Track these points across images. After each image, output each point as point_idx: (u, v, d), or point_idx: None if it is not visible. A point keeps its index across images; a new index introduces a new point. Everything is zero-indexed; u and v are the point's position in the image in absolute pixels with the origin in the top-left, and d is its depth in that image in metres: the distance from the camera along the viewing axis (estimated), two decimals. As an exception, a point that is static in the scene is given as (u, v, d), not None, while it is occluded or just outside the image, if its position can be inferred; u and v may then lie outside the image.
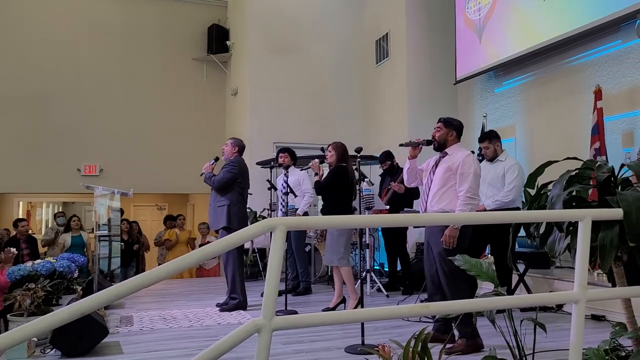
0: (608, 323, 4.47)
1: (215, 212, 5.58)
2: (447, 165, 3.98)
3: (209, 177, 5.60)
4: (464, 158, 3.93)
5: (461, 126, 4.16)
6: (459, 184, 3.90)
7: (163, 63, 10.74)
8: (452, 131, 4.07)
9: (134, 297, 6.38)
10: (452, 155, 4.02)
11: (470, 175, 3.88)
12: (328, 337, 4.28)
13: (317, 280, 7.57)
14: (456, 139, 4.09)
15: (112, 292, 1.69)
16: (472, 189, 3.87)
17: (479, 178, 3.98)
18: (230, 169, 5.57)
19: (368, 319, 4.14)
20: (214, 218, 5.59)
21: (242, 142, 5.85)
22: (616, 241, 2.49)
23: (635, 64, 5.68)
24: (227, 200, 5.53)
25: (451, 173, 3.95)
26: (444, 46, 8.55)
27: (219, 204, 5.54)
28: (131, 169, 10.17)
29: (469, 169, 3.89)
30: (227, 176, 5.54)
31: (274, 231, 1.91)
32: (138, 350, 4.00)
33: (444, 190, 3.97)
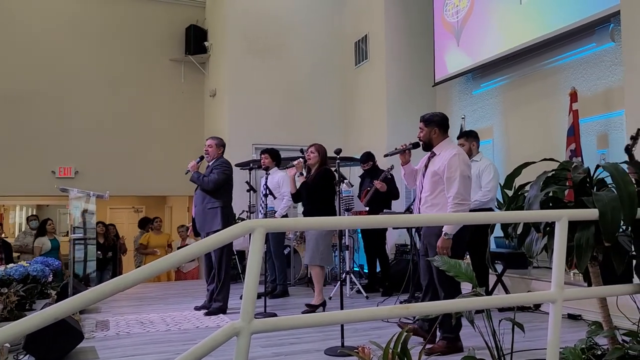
0: (584, 322, 4.53)
1: (205, 214, 5.46)
2: (433, 170, 3.87)
3: (198, 177, 5.47)
4: (449, 160, 3.79)
5: (443, 119, 4.00)
6: (447, 190, 3.79)
7: (140, 64, 10.61)
8: (434, 128, 3.94)
9: (110, 301, 6.28)
10: (439, 156, 3.90)
11: (456, 180, 3.73)
12: (308, 339, 4.26)
13: (296, 282, 7.54)
14: (441, 135, 3.96)
15: (86, 297, 1.65)
16: (460, 194, 3.73)
17: (467, 180, 3.82)
18: (224, 169, 5.50)
19: (347, 321, 4.13)
20: (204, 220, 5.46)
21: (224, 142, 5.79)
22: (592, 241, 2.52)
23: (609, 66, 5.78)
24: (219, 202, 5.46)
25: (438, 177, 3.84)
26: (423, 48, 8.60)
27: (210, 206, 5.45)
28: (107, 171, 10.01)
29: (454, 172, 3.75)
30: (222, 177, 5.45)
31: (253, 233, 1.89)
32: (114, 355, 3.93)
33: (433, 196, 3.88)
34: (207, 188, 5.45)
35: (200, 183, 5.47)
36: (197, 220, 5.55)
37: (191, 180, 5.55)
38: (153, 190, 11.01)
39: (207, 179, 5.44)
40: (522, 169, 2.94)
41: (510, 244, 4.25)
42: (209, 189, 5.45)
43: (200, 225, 5.51)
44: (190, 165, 5.53)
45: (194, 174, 5.50)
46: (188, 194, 10.14)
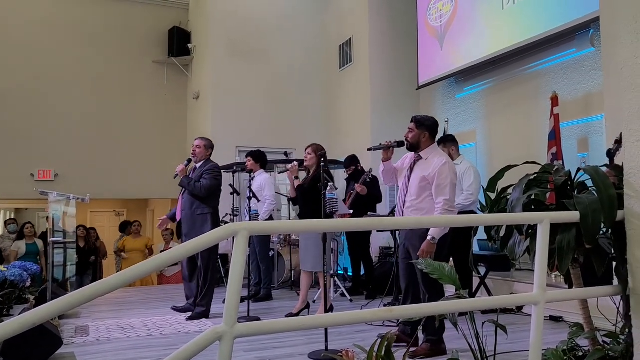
0: (565, 324, 4.56)
1: (194, 220, 5.36)
2: (422, 175, 3.87)
3: (189, 182, 5.35)
4: (440, 168, 3.81)
5: (435, 125, 4.02)
6: (436, 196, 3.81)
7: (122, 65, 10.50)
8: (424, 132, 3.94)
9: (90, 306, 6.19)
10: (427, 161, 3.91)
11: (447, 187, 3.78)
12: (291, 343, 4.24)
13: (280, 285, 7.51)
14: (430, 140, 3.97)
15: (65, 301, 1.62)
16: (449, 201, 3.78)
17: (454, 188, 3.89)
18: (216, 175, 5.42)
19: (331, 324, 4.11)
20: (192, 226, 5.36)
21: (212, 143, 5.70)
22: (573, 243, 2.54)
23: (589, 71, 5.86)
24: (209, 208, 5.39)
25: (427, 183, 3.85)
26: (407, 52, 8.65)
27: (200, 212, 5.36)
28: (88, 173, 9.87)
29: (445, 180, 3.78)
30: (214, 183, 5.37)
31: (237, 236, 1.87)
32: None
33: (419, 201, 3.89)
34: (198, 194, 5.34)
35: (191, 189, 5.36)
36: (184, 225, 5.46)
37: (180, 185, 5.44)
38: (135, 194, 10.90)
39: (200, 185, 5.32)
40: (504, 172, 2.96)
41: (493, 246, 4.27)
42: (201, 195, 5.35)
43: (188, 230, 5.39)
44: (179, 169, 5.41)
45: (183, 179, 5.40)
46: (170, 197, 10.05)
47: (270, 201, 6.35)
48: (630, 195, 2.49)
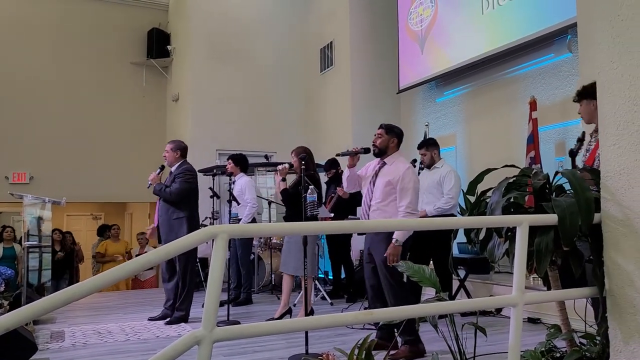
0: (543, 325, 4.61)
1: (171, 225, 5.29)
2: (387, 179, 3.99)
3: (160, 189, 5.29)
4: (404, 172, 3.95)
5: (402, 134, 4.18)
6: (399, 199, 3.93)
7: (100, 66, 10.35)
8: (393, 138, 4.08)
9: (65, 311, 6.08)
10: (391, 167, 4.03)
11: (410, 191, 3.91)
12: (271, 347, 4.21)
13: (260, 289, 7.47)
14: (396, 147, 4.11)
15: (40, 306, 1.58)
16: (412, 204, 3.90)
17: (418, 192, 4.03)
18: (187, 178, 5.32)
19: (312, 328, 4.10)
20: (169, 231, 5.29)
21: (183, 144, 5.61)
22: (551, 246, 2.56)
23: (566, 76, 5.94)
24: (184, 212, 5.30)
25: (392, 187, 3.97)
26: (388, 56, 8.68)
27: (176, 217, 5.29)
28: (64, 176, 9.71)
29: (408, 183, 3.92)
30: (185, 187, 5.28)
31: (216, 239, 1.85)
32: (70, 366, 3.81)
33: (384, 204, 3.99)
34: (170, 200, 5.29)
35: (162, 196, 5.31)
36: (162, 230, 5.40)
37: (154, 193, 5.39)
38: (112, 197, 10.75)
39: (169, 191, 5.26)
40: (484, 175, 2.98)
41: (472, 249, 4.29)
42: (172, 200, 5.29)
43: (166, 236, 5.33)
44: (151, 178, 5.36)
45: (155, 186, 5.34)
46: (149, 201, 9.95)
47: (252, 204, 6.31)
48: (606, 198, 2.52)
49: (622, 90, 2.40)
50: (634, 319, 2.39)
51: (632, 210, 2.39)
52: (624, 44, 2.37)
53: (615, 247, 2.48)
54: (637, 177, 2.37)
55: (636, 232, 2.37)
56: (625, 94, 2.39)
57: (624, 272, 2.43)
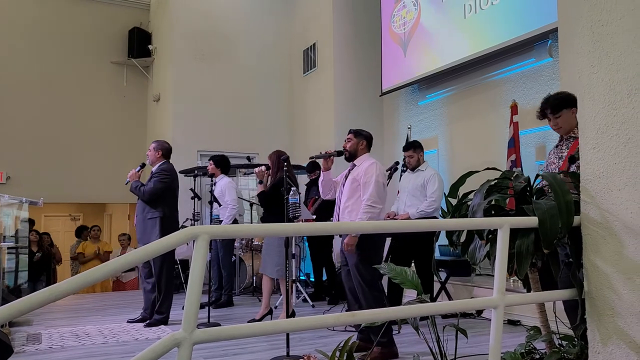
0: (523, 327, 4.65)
1: (145, 224, 5.24)
2: (353, 177, 4.06)
3: (136, 187, 5.23)
4: (367, 167, 4.00)
5: (371, 137, 4.25)
6: (362, 193, 3.97)
7: (79, 65, 10.21)
8: (362, 140, 4.15)
9: (42, 312, 6.00)
10: (359, 166, 4.10)
11: (371, 184, 3.92)
12: (252, 349, 4.19)
13: (241, 291, 7.43)
14: (366, 149, 4.17)
15: (15, 307, 1.54)
16: (372, 197, 3.91)
17: (381, 186, 4.01)
18: (162, 177, 5.25)
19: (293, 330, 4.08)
20: (143, 231, 5.24)
21: (166, 144, 5.55)
22: (532, 248, 2.58)
23: (547, 81, 6.01)
24: (158, 212, 5.22)
25: (357, 184, 4.01)
26: (371, 58, 8.71)
27: (150, 216, 5.23)
28: (42, 176, 9.55)
29: (370, 177, 3.95)
30: (158, 186, 5.21)
31: (197, 240, 1.83)
32: (47, 369, 3.74)
33: (352, 202, 4.03)
34: (143, 199, 5.25)
35: (138, 195, 5.26)
36: (137, 230, 5.35)
37: (130, 190, 5.33)
38: (91, 198, 10.61)
39: (143, 190, 5.21)
40: (466, 177, 3.00)
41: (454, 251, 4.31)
42: (144, 200, 5.25)
43: (140, 235, 5.30)
44: (129, 175, 5.31)
45: (132, 184, 5.28)
46: (129, 202, 9.84)
47: (232, 206, 6.27)
48: (586, 201, 2.55)
49: (602, 95, 2.42)
50: (612, 320, 2.42)
51: (611, 213, 2.42)
52: (604, 49, 2.40)
53: (594, 250, 2.50)
54: (616, 181, 2.40)
55: (615, 235, 2.40)
56: (605, 98, 2.41)
57: (602, 275, 2.46)
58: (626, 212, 2.36)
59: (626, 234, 2.36)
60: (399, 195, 5.62)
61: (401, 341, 3.99)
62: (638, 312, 2.31)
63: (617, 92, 2.36)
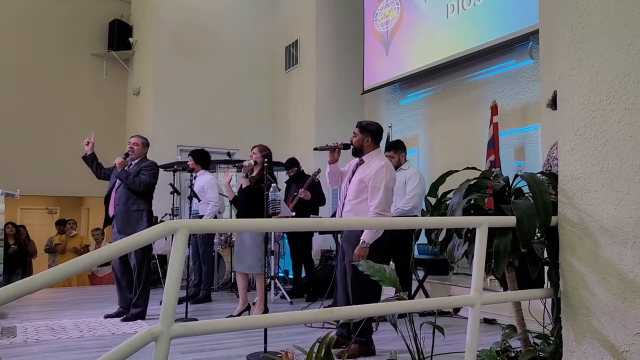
0: (499, 326, 4.71)
1: (129, 215, 5.23)
2: (360, 177, 3.93)
3: (127, 176, 5.21)
4: (376, 170, 3.86)
5: (379, 130, 4.09)
6: (370, 199, 3.85)
7: (59, 56, 10.06)
8: (367, 137, 4.00)
9: (17, 306, 5.90)
10: (367, 164, 3.97)
11: (381, 190, 3.80)
12: (230, 345, 4.17)
13: (219, 287, 7.39)
14: (373, 145, 4.03)
15: (-11, 299, 1.51)
16: (381, 205, 3.81)
17: (390, 192, 3.91)
18: (155, 173, 5.35)
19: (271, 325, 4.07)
20: (127, 222, 5.22)
21: (149, 142, 5.66)
22: (509, 247, 2.62)
23: (527, 82, 6.08)
24: (145, 205, 5.30)
25: (364, 185, 3.89)
26: (353, 56, 8.72)
27: (135, 208, 5.25)
28: (19, 168, 9.38)
29: (380, 183, 3.82)
30: (152, 181, 5.30)
31: (176, 234, 1.81)
32: (20, 363, 3.68)
33: (356, 203, 3.93)
34: (136, 189, 5.23)
35: (129, 182, 5.22)
36: (118, 221, 5.28)
37: (118, 177, 5.27)
38: (69, 191, 10.45)
39: (139, 180, 5.22)
40: (445, 177, 3.02)
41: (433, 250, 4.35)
42: (139, 191, 5.24)
43: (122, 226, 5.24)
44: (117, 162, 5.27)
45: (121, 172, 5.25)
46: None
47: (214, 203, 6.25)
48: (563, 202, 2.59)
49: (581, 97, 2.46)
50: (586, 319, 2.46)
51: (588, 213, 2.46)
52: (584, 51, 2.44)
53: (570, 250, 2.54)
54: (593, 182, 2.44)
55: (591, 235, 2.44)
56: (584, 100, 2.45)
57: (578, 274, 2.50)
58: (602, 213, 2.40)
59: (602, 234, 2.40)
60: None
61: (379, 338, 4.01)
62: (612, 312, 2.35)
63: (596, 94, 2.40)
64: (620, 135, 2.32)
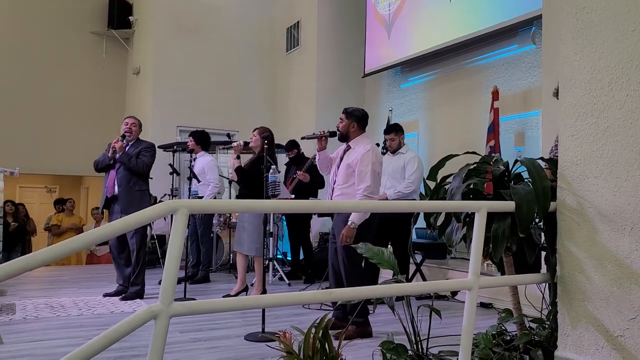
0: (495, 310, 4.75)
1: (131, 195, 5.27)
2: (348, 162, 4.00)
3: (129, 159, 5.22)
4: (362, 155, 3.91)
5: (364, 116, 4.14)
6: (357, 182, 3.91)
7: (58, 34, 9.99)
8: (353, 122, 4.06)
9: (17, 283, 5.94)
10: (354, 149, 4.03)
11: (367, 175, 3.86)
12: (228, 325, 4.20)
13: (218, 268, 7.43)
14: (359, 130, 4.09)
15: (-10, 275, 1.52)
16: (369, 188, 3.86)
17: (377, 175, 3.97)
18: (154, 153, 5.41)
19: (270, 305, 4.11)
20: (129, 202, 5.24)
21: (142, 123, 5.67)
22: (507, 232, 2.63)
23: (529, 68, 6.05)
24: (146, 185, 5.39)
25: (352, 170, 3.96)
26: (354, 39, 8.66)
27: (138, 188, 5.31)
28: (19, 147, 9.37)
29: (366, 167, 3.88)
30: (151, 161, 5.35)
31: (176, 214, 1.82)
32: (20, 339, 3.71)
33: (346, 187, 4.00)
34: (139, 171, 5.28)
35: (131, 165, 5.23)
36: (122, 201, 5.28)
37: (119, 160, 5.27)
38: (68, 170, 10.45)
39: (142, 162, 5.27)
40: (445, 161, 3.03)
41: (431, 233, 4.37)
42: (141, 172, 5.29)
43: (126, 206, 5.24)
44: (118, 146, 5.25)
45: (122, 155, 5.25)
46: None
47: (214, 184, 6.26)
48: (562, 188, 2.60)
49: (583, 83, 2.45)
50: (582, 304, 2.48)
51: (586, 199, 2.47)
52: (587, 36, 2.42)
53: (568, 235, 2.56)
54: (592, 168, 2.44)
55: (589, 221, 2.45)
56: (585, 86, 2.45)
57: (575, 260, 2.52)
58: (601, 199, 2.41)
59: (600, 220, 2.41)
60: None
61: (376, 320, 4.04)
62: (607, 297, 2.38)
63: (598, 80, 2.39)
64: (621, 122, 2.32)
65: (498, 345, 2.77)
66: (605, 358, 2.36)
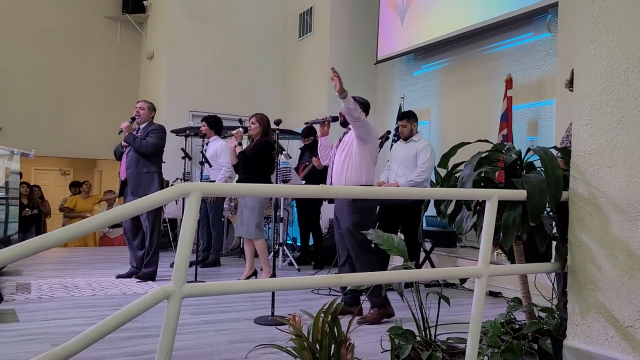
0: (504, 299, 4.75)
1: (141, 178, 5.34)
2: (345, 142, 4.14)
3: (134, 139, 5.29)
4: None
5: (366, 103, 4.35)
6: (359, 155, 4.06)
7: (73, 19, 10.02)
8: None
9: (32, 264, 6.04)
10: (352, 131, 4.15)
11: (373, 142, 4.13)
12: (238, 308, 4.25)
13: (229, 252, 7.49)
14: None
15: (4, 255, 1.55)
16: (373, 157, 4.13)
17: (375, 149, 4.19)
18: (162, 135, 5.44)
19: (280, 288, 4.15)
20: (138, 184, 5.32)
21: (155, 107, 5.70)
22: (518, 221, 2.63)
23: (544, 56, 5.98)
24: (155, 167, 5.43)
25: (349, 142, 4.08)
26: (367, 25, 8.60)
27: (147, 170, 5.36)
28: (34, 129, 9.48)
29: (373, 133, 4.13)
30: (160, 143, 5.40)
31: (189, 196, 1.84)
32: (36, 318, 3.78)
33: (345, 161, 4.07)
34: (144, 151, 5.32)
35: (136, 145, 5.30)
36: (130, 183, 5.37)
37: (125, 141, 5.35)
38: (82, 153, 10.55)
39: (146, 142, 5.31)
40: (457, 148, 3.02)
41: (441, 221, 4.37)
42: (147, 153, 5.33)
43: (134, 189, 5.34)
44: (124, 126, 5.35)
45: (128, 136, 5.32)
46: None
47: (226, 168, 6.29)
48: (575, 177, 2.58)
49: (599, 71, 2.43)
50: (592, 294, 2.48)
51: (600, 189, 2.45)
52: (604, 25, 2.40)
53: (580, 225, 2.55)
54: (606, 158, 2.43)
55: (601, 211, 2.44)
56: (601, 74, 2.42)
57: (586, 250, 2.51)
58: (614, 190, 2.40)
59: (612, 210, 2.40)
60: (389, 164, 5.62)
61: (385, 307, 4.06)
62: (618, 287, 2.37)
63: (614, 69, 2.37)
64: (637, 112, 2.30)
65: (506, 334, 2.78)
66: (614, 348, 2.37)
